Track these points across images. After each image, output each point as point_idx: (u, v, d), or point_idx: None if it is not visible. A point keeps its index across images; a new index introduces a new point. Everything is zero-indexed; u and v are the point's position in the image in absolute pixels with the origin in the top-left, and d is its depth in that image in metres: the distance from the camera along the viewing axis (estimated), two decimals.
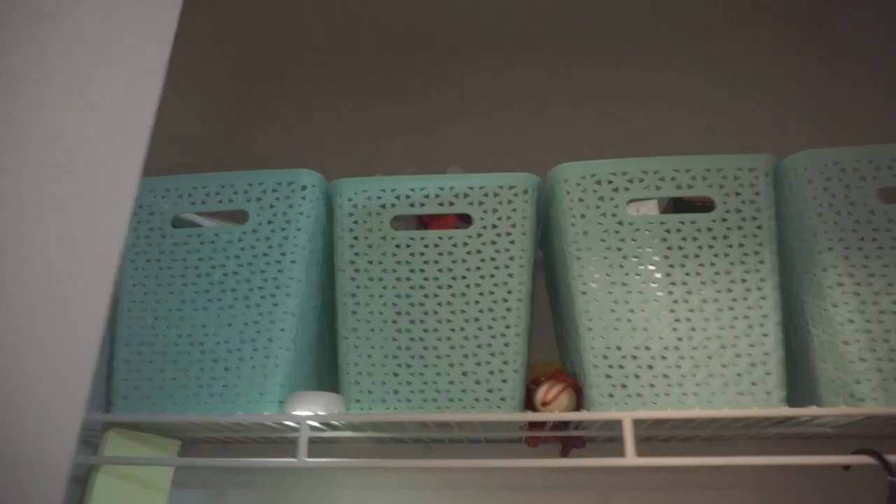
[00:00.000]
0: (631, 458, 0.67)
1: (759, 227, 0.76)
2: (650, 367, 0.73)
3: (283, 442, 0.94)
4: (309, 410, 0.71)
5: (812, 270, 0.75)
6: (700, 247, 0.76)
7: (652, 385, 0.73)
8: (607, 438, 0.91)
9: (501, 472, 0.95)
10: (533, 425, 0.83)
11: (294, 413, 0.71)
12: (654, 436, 0.88)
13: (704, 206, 0.77)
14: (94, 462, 0.71)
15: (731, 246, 0.76)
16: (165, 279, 0.77)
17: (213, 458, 0.71)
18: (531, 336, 1.02)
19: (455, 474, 0.96)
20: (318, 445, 0.95)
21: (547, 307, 1.05)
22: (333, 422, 0.74)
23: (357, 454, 0.97)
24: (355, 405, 0.75)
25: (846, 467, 0.73)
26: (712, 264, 0.75)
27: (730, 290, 0.75)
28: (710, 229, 0.76)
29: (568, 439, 0.89)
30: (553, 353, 1.01)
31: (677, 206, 0.80)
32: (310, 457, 0.70)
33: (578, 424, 0.82)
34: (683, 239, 0.76)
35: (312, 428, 0.79)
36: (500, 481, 0.95)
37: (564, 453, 0.91)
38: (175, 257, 0.77)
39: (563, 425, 0.84)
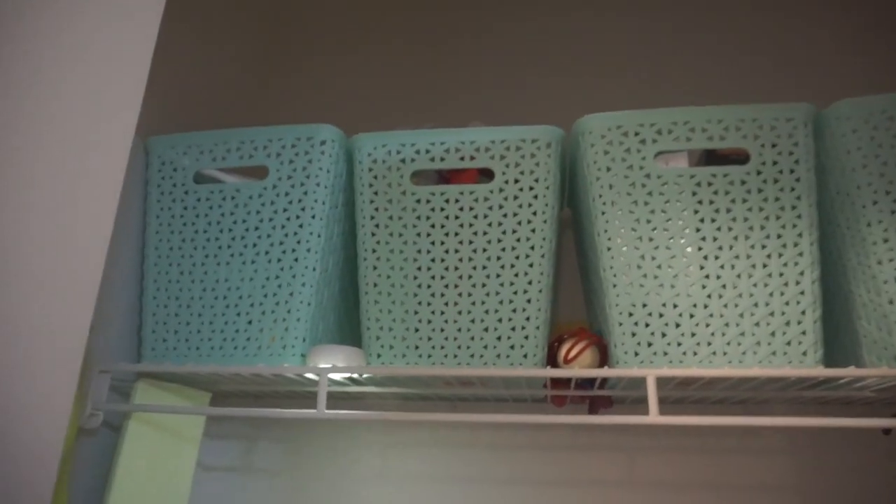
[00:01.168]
0: (654, 417, 0.66)
1: (797, 180, 0.72)
2: (677, 325, 0.71)
3: (310, 397, 0.95)
4: (329, 363, 0.71)
5: (855, 226, 0.71)
6: (733, 201, 0.72)
7: (679, 343, 0.70)
8: (635, 400, 0.90)
9: (527, 432, 0.95)
10: (556, 384, 0.82)
11: (314, 366, 0.72)
12: (684, 398, 0.86)
13: (738, 158, 0.74)
14: (122, 409, 0.74)
15: (766, 200, 0.72)
16: (189, 234, 0.78)
17: (235, 408, 0.73)
18: (559, 298, 1.01)
19: (479, 433, 0.95)
20: (344, 402, 0.96)
21: (576, 269, 1.03)
22: (355, 375, 0.75)
23: (382, 411, 0.98)
24: (376, 360, 0.75)
25: (887, 431, 0.70)
26: (745, 219, 0.72)
27: (764, 246, 0.71)
28: (743, 182, 0.72)
29: (594, 399, 0.87)
30: (581, 315, 0.99)
31: (710, 158, 0.76)
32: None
33: (603, 383, 0.81)
34: (715, 192, 0.73)
35: (337, 383, 0.79)
36: (525, 441, 0.94)
37: (591, 414, 0.89)
38: (198, 212, 0.78)
39: (588, 384, 0.82)
